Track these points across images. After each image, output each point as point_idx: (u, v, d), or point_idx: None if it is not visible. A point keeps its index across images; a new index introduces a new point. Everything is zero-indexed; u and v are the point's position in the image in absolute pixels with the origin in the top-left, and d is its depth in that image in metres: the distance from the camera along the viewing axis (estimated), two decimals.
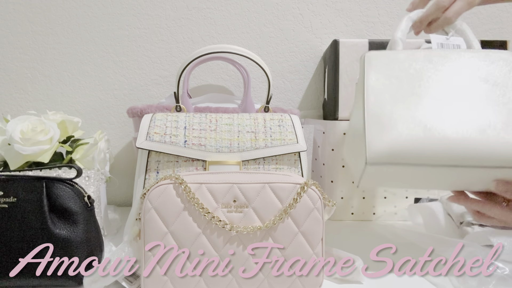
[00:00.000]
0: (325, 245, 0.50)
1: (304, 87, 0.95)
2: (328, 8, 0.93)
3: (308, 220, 0.48)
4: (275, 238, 0.48)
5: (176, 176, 0.48)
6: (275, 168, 0.60)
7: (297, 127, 0.63)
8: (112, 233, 0.71)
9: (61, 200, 0.50)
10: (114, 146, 0.94)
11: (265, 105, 0.72)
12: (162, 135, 0.59)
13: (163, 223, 0.47)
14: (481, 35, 0.95)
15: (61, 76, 0.92)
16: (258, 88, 0.94)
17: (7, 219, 0.48)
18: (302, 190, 0.48)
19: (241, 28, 0.93)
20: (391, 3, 0.94)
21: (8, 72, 0.92)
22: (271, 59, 0.94)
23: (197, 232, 0.47)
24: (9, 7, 0.90)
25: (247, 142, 0.60)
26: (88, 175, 0.66)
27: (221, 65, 0.94)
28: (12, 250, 0.48)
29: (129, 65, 0.93)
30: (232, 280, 0.48)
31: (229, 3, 0.92)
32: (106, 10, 0.91)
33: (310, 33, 0.94)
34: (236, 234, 0.47)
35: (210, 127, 0.61)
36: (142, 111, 0.71)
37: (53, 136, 0.69)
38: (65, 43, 0.91)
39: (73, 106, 0.93)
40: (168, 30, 0.92)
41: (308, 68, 0.95)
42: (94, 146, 0.71)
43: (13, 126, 0.67)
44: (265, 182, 0.48)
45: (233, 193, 0.48)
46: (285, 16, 0.93)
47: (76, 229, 0.50)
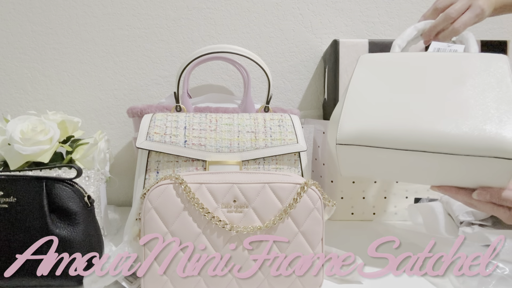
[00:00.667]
0: (325, 245, 0.50)
1: (304, 87, 0.95)
2: (328, 8, 0.93)
3: (308, 220, 0.48)
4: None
5: (176, 176, 0.48)
6: (275, 168, 0.60)
7: (297, 127, 0.63)
8: (112, 233, 0.71)
9: (61, 200, 0.50)
10: (114, 146, 0.94)
11: (265, 105, 0.72)
12: (162, 135, 0.59)
13: (163, 223, 0.47)
14: (481, 35, 0.95)
15: (61, 76, 0.92)
16: (258, 88, 0.94)
17: (7, 219, 0.49)
18: (302, 190, 0.48)
19: (241, 28, 0.93)
20: (391, 3, 0.94)
21: (8, 72, 0.92)
22: (271, 59, 0.94)
23: (197, 232, 0.47)
24: (9, 7, 0.90)
25: (247, 142, 0.60)
26: (88, 175, 0.66)
27: (221, 65, 0.94)
28: (12, 250, 0.48)
29: (129, 65, 0.93)
30: (232, 280, 0.48)
31: (229, 3, 0.92)
32: (106, 10, 0.91)
33: (310, 33, 0.94)
34: (236, 234, 0.47)
35: (210, 127, 0.61)
36: (142, 111, 0.71)
37: (53, 136, 0.69)
38: (65, 43, 0.91)
39: (73, 106, 0.93)
40: (168, 30, 0.92)
41: (308, 68, 0.95)
42: (94, 146, 0.71)
43: (13, 126, 0.67)
44: (265, 182, 0.48)
45: (233, 193, 0.48)
46: (285, 16, 0.93)
47: (76, 229, 0.50)
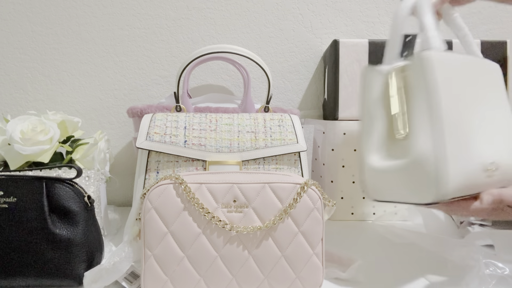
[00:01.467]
0: (325, 245, 0.50)
1: (304, 87, 0.95)
2: (328, 8, 0.93)
3: (308, 220, 0.48)
4: (275, 238, 0.48)
5: (176, 176, 0.48)
6: (275, 168, 0.60)
7: (297, 127, 0.63)
8: (112, 233, 0.71)
9: (61, 200, 0.50)
10: (114, 146, 0.94)
11: (265, 105, 0.72)
12: (162, 135, 0.59)
13: (163, 223, 0.47)
14: (481, 35, 0.95)
15: (61, 76, 0.92)
16: (258, 88, 0.94)
17: (7, 219, 0.48)
18: (302, 190, 0.48)
19: (241, 28, 0.93)
20: (391, 3, 0.94)
21: (8, 72, 0.92)
22: (271, 59, 0.94)
23: (197, 232, 0.47)
24: (9, 7, 0.90)
25: (247, 142, 0.60)
26: (88, 175, 0.66)
27: (221, 65, 0.94)
28: (12, 250, 0.48)
29: (129, 65, 0.93)
30: (232, 280, 0.47)
31: (229, 3, 0.92)
32: (106, 10, 0.91)
33: (310, 33, 0.94)
34: (236, 234, 0.47)
35: (210, 127, 0.61)
36: (142, 111, 0.71)
37: (53, 136, 0.69)
38: (65, 43, 0.91)
39: (73, 106, 0.93)
40: (168, 30, 0.92)
41: (308, 68, 0.95)
42: (94, 146, 0.71)
43: (13, 126, 0.67)
44: (265, 182, 0.48)
45: (233, 193, 0.48)
46: (285, 16, 0.93)
47: (76, 229, 0.50)
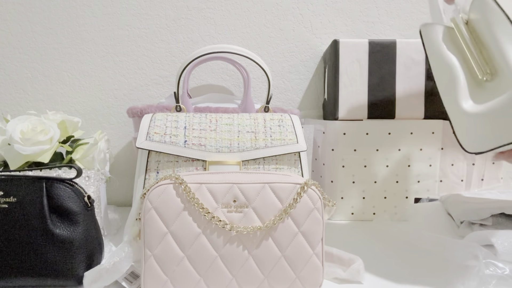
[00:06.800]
0: (325, 245, 0.50)
1: (304, 87, 0.95)
2: (328, 8, 0.93)
3: (308, 220, 0.48)
4: (275, 238, 0.48)
5: (176, 176, 0.48)
6: (275, 168, 0.60)
7: (297, 127, 0.63)
8: (112, 233, 0.71)
9: (61, 200, 0.50)
10: (114, 146, 0.94)
11: (265, 105, 0.72)
12: (162, 135, 0.59)
13: (163, 223, 0.47)
14: None
15: (61, 76, 0.92)
16: (258, 88, 0.94)
17: (7, 219, 0.48)
18: (302, 190, 0.48)
19: (241, 28, 0.93)
20: (391, 3, 0.94)
21: (8, 72, 0.92)
22: (271, 59, 0.94)
23: (197, 232, 0.47)
24: (9, 7, 0.90)
25: (247, 142, 0.60)
26: (88, 175, 0.66)
27: (221, 65, 0.94)
28: (12, 250, 0.48)
29: (129, 65, 0.93)
30: (232, 280, 0.47)
31: (229, 3, 0.92)
32: (106, 10, 0.91)
33: (310, 33, 0.94)
34: (236, 234, 0.47)
35: (210, 127, 0.61)
36: (142, 111, 0.71)
37: (53, 136, 0.69)
38: (65, 43, 0.91)
39: (73, 106, 0.93)
40: (168, 30, 0.92)
41: (308, 68, 0.95)
42: (94, 146, 0.71)
43: (13, 126, 0.67)
44: (265, 182, 0.48)
45: (233, 193, 0.48)
46: (285, 16, 0.93)
47: (76, 229, 0.50)
